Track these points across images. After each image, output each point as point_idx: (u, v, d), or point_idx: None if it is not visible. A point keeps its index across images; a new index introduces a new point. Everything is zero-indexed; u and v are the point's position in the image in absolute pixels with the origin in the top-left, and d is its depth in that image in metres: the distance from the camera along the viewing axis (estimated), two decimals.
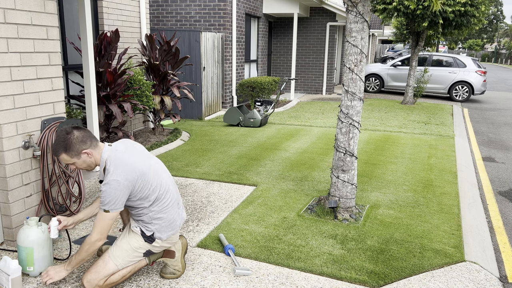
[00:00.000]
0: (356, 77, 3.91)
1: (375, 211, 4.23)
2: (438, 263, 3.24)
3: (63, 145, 2.52)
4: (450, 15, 10.33)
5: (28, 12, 3.11)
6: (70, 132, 2.53)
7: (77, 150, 2.53)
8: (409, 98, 12.37)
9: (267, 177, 5.23)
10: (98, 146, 2.61)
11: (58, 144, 2.53)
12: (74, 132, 2.54)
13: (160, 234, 2.71)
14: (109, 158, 2.54)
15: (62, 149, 2.52)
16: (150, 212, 2.66)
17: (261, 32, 12.73)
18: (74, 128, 2.57)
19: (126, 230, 2.80)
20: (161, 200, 2.68)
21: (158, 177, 2.68)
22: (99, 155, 2.60)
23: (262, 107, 9.09)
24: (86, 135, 2.57)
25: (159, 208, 2.68)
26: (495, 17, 65.81)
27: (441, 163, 6.07)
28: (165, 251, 2.89)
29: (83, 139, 2.54)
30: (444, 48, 37.66)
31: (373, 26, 24.87)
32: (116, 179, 2.46)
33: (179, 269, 2.92)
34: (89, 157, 2.58)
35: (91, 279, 2.57)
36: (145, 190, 2.59)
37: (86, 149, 2.55)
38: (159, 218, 2.69)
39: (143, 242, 2.70)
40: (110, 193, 2.45)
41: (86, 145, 2.55)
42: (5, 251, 3.18)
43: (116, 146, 2.63)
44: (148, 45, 6.87)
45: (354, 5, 3.79)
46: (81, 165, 2.60)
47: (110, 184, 2.45)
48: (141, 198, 2.59)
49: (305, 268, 3.11)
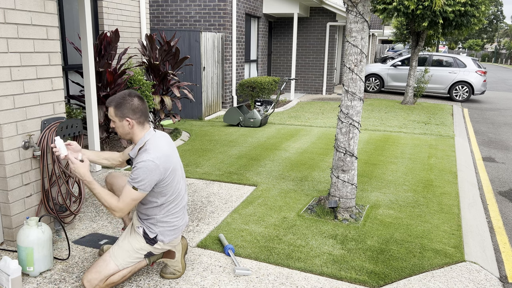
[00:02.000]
0: (356, 77, 3.91)
1: (375, 211, 4.23)
2: (438, 263, 3.24)
3: (117, 102, 2.58)
4: (450, 15, 10.33)
5: (28, 12, 3.11)
6: (132, 96, 2.61)
7: (124, 114, 2.58)
8: (409, 98, 12.37)
9: (267, 177, 5.23)
10: (144, 125, 2.66)
11: (115, 98, 2.60)
12: (134, 99, 2.60)
13: (163, 237, 2.72)
14: (150, 140, 2.60)
15: (114, 103, 2.58)
16: (161, 212, 2.68)
17: (261, 32, 12.73)
18: (138, 96, 2.64)
19: (128, 230, 2.80)
20: (174, 203, 2.72)
21: (181, 181, 2.75)
22: (141, 133, 2.65)
23: (262, 107, 9.08)
24: (141, 109, 2.62)
25: (170, 211, 2.70)
26: (495, 17, 65.81)
27: (441, 163, 6.07)
28: (166, 252, 2.89)
29: (135, 109, 2.59)
30: (444, 48, 37.68)
31: (373, 26, 24.87)
32: (154, 161, 2.50)
33: (179, 270, 2.92)
34: (129, 127, 2.61)
35: (91, 279, 2.57)
36: (170, 186, 2.64)
37: (131, 119, 2.59)
38: (166, 222, 2.71)
39: (144, 244, 2.70)
40: (145, 172, 2.49)
41: (134, 115, 2.60)
42: (5, 251, 3.18)
43: (159, 134, 2.69)
44: (148, 45, 6.87)
45: (354, 5, 3.79)
46: (118, 128, 2.64)
47: (147, 163, 2.49)
48: (161, 192, 2.63)
49: (305, 268, 3.11)
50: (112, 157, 2.95)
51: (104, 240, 3.46)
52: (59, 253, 3.22)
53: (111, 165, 2.98)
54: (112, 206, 2.54)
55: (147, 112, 2.67)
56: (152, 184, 2.54)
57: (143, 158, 2.51)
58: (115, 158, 2.95)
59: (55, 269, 2.99)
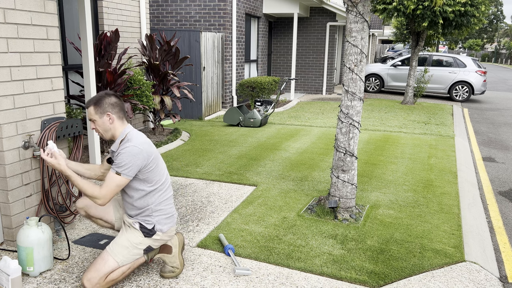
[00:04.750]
0: (356, 77, 3.91)
1: (375, 211, 4.23)
2: (438, 263, 3.24)
3: (96, 99, 2.67)
4: (450, 15, 10.33)
5: (28, 12, 3.11)
6: (109, 95, 2.71)
7: (104, 109, 2.66)
8: (409, 98, 12.37)
9: (267, 177, 5.23)
10: (123, 120, 2.75)
11: (93, 97, 2.69)
12: (112, 97, 2.71)
13: (161, 226, 2.78)
14: (130, 133, 2.70)
15: (93, 102, 2.67)
16: (152, 200, 2.74)
17: (261, 32, 12.73)
18: (115, 95, 2.73)
19: (123, 228, 2.81)
20: (162, 191, 2.79)
21: (165, 171, 2.84)
22: (121, 127, 2.73)
23: (262, 107, 9.08)
24: (119, 104, 2.72)
25: (160, 199, 2.77)
26: (495, 17, 65.80)
27: (441, 163, 6.07)
28: (162, 247, 2.91)
29: (114, 104, 2.69)
30: (444, 48, 37.66)
31: (373, 26, 24.87)
32: (137, 146, 2.60)
33: (177, 266, 2.92)
34: (110, 122, 2.68)
35: (91, 278, 2.57)
36: (154, 173, 2.71)
37: (111, 113, 2.67)
38: (160, 210, 2.77)
39: (143, 238, 2.73)
40: (128, 157, 2.57)
41: (114, 110, 2.69)
42: (5, 251, 3.18)
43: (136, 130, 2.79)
44: (148, 45, 6.86)
45: (354, 5, 3.79)
46: (99, 126, 2.70)
47: (130, 149, 2.58)
48: (147, 179, 2.68)
49: (305, 268, 3.11)
50: (94, 168, 2.97)
51: (104, 240, 3.46)
52: (59, 253, 3.22)
53: (93, 176, 2.97)
54: (94, 193, 2.57)
55: (125, 109, 2.77)
56: (135, 169, 2.60)
57: (126, 145, 2.60)
58: (96, 169, 2.97)
59: (55, 269, 2.99)
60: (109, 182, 2.58)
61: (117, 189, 2.60)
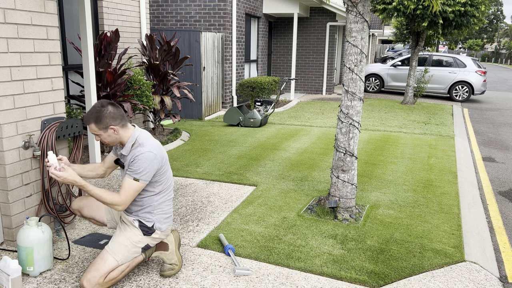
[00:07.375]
0: (356, 77, 3.91)
1: (375, 211, 4.23)
2: (438, 263, 3.24)
3: (95, 116, 2.61)
4: (450, 15, 10.33)
5: (28, 12, 3.11)
6: (105, 106, 2.64)
7: (106, 124, 2.63)
8: (409, 98, 12.38)
9: (267, 177, 5.23)
10: (126, 126, 2.73)
11: (91, 114, 2.63)
12: (108, 107, 2.64)
13: (160, 224, 2.81)
14: (140, 136, 2.70)
15: (93, 119, 2.62)
16: (156, 199, 2.77)
17: (261, 32, 12.73)
18: (110, 103, 2.68)
19: (120, 226, 2.82)
20: (168, 191, 2.84)
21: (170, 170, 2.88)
22: (127, 133, 2.71)
23: (262, 107, 9.08)
24: (118, 113, 2.67)
25: (164, 199, 2.81)
26: (495, 17, 65.79)
27: (441, 163, 6.07)
28: (158, 245, 2.93)
29: (114, 116, 2.64)
30: (444, 48, 37.67)
31: (373, 26, 24.87)
32: (152, 151, 2.62)
33: (176, 262, 2.94)
34: (115, 134, 2.67)
35: (90, 278, 2.57)
36: (165, 174, 2.76)
37: (114, 126, 2.65)
38: (161, 209, 2.81)
39: (142, 236, 2.75)
40: (145, 163, 2.59)
41: (115, 122, 2.65)
42: (5, 251, 3.18)
43: (143, 130, 2.78)
44: (148, 45, 6.87)
45: (354, 5, 3.79)
46: (105, 139, 2.69)
47: (146, 155, 2.60)
48: (158, 181, 2.73)
49: (305, 268, 3.11)
50: (95, 167, 2.97)
51: (104, 240, 3.46)
52: (59, 253, 3.22)
53: (95, 176, 2.97)
54: (114, 201, 2.58)
55: (124, 114, 2.74)
56: (152, 173, 2.64)
57: (140, 151, 2.61)
58: (98, 168, 2.97)
59: (55, 269, 2.99)
60: (128, 188, 2.60)
61: (135, 194, 2.63)
